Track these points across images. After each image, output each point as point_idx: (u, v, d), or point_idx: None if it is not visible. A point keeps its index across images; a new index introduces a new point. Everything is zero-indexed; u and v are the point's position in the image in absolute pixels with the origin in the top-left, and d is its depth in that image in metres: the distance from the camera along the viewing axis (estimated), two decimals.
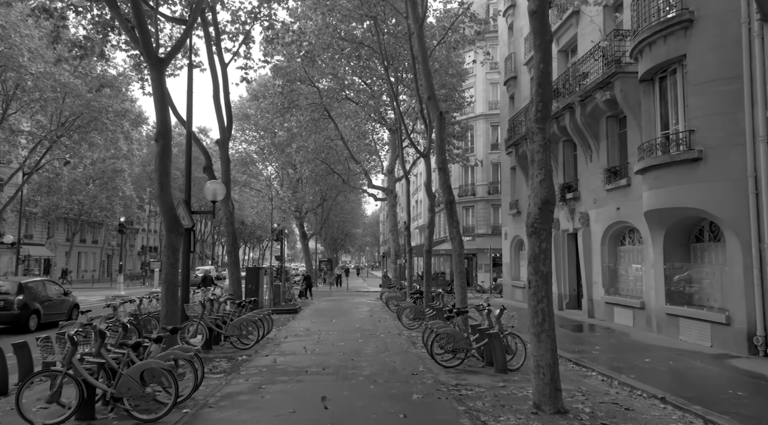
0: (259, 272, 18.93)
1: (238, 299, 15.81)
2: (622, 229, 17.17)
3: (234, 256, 16.81)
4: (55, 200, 47.44)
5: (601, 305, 17.80)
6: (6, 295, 15.19)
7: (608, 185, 16.98)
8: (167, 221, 10.08)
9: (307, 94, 31.88)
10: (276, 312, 21.24)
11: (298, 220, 46.24)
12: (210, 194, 12.97)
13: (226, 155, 16.96)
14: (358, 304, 26.35)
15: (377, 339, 13.76)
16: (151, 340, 7.24)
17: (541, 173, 7.39)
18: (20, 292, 15.30)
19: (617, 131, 17.44)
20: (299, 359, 10.74)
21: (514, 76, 26.88)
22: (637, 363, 10.38)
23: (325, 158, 35.73)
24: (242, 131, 46.33)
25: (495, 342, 9.60)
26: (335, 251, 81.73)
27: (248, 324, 12.35)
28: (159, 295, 15.91)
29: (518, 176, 26.51)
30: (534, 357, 7.24)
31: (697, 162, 11.90)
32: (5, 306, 14.94)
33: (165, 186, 10.04)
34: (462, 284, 13.02)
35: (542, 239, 7.31)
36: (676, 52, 12.38)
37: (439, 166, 13.54)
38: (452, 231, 13.23)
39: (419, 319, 16.14)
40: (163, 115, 10.14)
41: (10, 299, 15.06)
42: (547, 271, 7.28)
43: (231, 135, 17.13)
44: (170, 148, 10.22)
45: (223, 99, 17.21)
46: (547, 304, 7.22)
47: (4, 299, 15.05)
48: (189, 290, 12.88)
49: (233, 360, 10.84)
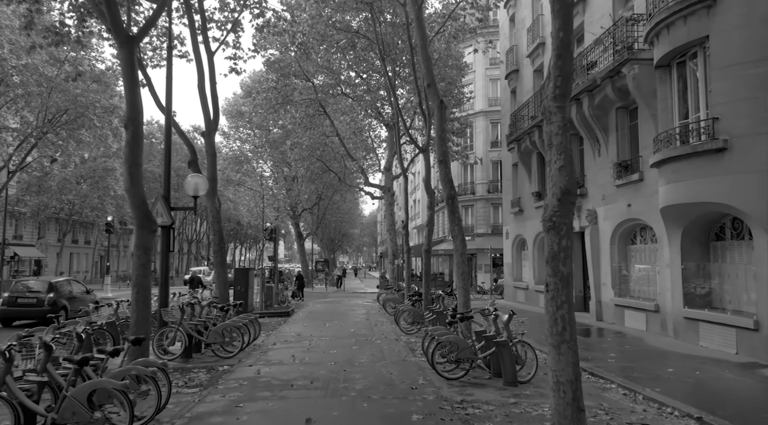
0: (249, 274, 17.90)
1: (225, 303, 14.80)
2: (633, 227, 16.19)
3: (221, 256, 15.75)
4: (44, 199, 46.27)
5: (610, 307, 16.81)
6: (38, 293, 16.98)
7: (618, 180, 15.99)
8: (138, 216, 9.05)
9: (301, 89, 30.90)
10: (267, 316, 20.26)
11: (294, 219, 45.22)
12: (191, 189, 11.94)
13: (212, 149, 15.94)
14: (354, 306, 25.32)
15: (373, 345, 12.74)
16: (107, 353, 6.20)
17: (561, 159, 6.37)
18: (50, 290, 17.12)
19: (628, 123, 16.45)
20: (286, 370, 9.71)
21: (516, 69, 25.89)
22: (659, 372, 9.39)
23: (320, 156, 34.72)
24: (236, 128, 45.35)
25: (504, 352, 8.59)
26: (332, 252, 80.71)
27: (232, 330, 11.31)
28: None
29: (520, 172, 25.53)
30: (553, 372, 6.22)
31: (722, 153, 10.90)
32: (37, 303, 16.68)
33: (135, 178, 9.01)
34: (465, 286, 12.01)
35: (562, 234, 6.29)
36: (698, 33, 11.39)
37: (440, 159, 12.52)
38: (454, 229, 12.22)
39: (418, 323, 15.13)
40: (133, 99, 9.11)
41: (42, 297, 16.83)
42: (567, 272, 6.26)
43: (217, 128, 16.12)
44: (141, 135, 9.20)
45: (209, 89, 16.21)
46: (568, 310, 6.20)
47: (36, 296, 16.85)
48: (168, 293, 11.84)
49: (213, 370, 9.82)
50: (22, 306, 16.73)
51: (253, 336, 12.58)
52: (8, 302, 16.85)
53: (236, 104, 45.13)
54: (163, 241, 11.81)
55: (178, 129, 15.76)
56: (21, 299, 16.83)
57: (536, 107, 21.72)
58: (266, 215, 32.75)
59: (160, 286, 11.83)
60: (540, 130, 21.14)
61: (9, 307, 16.78)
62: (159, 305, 11.65)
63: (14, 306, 16.74)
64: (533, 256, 24.05)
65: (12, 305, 16.77)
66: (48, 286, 17.22)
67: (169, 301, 15.35)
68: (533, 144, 22.42)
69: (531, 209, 24.03)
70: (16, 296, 16.92)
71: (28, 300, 16.79)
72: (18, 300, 16.80)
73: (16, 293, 17.06)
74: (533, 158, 23.83)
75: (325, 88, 30.18)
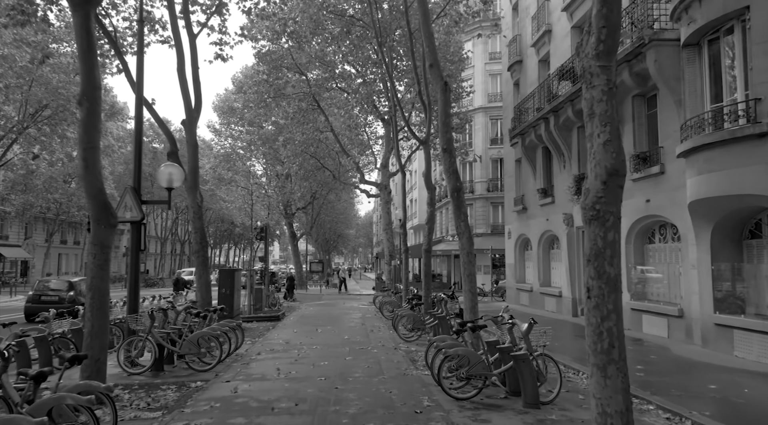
0: (235, 275, 16.54)
1: (206, 307, 13.46)
2: (651, 224, 14.92)
3: (202, 256, 14.39)
4: (30, 198, 44.73)
5: (625, 312, 15.52)
6: (59, 291, 19.28)
7: (635, 173, 14.72)
8: (93, 208, 7.71)
9: (294, 82, 29.58)
10: (256, 320, 18.93)
11: (287, 219, 43.84)
12: (164, 180, 10.59)
13: (193, 139, 14.59)
14: (349, 310, 23.98)
15: (369, 355, 11.41)
16: (30, 379, 4.86)
17: (605, 131, 5.08)
18: (70, 289, 19.48)
19: (645, 112, 15.19)
20: (268, 387, 8.37)
21: (519, 59, 24.63)
22: (701, 390, 8.10)
23: (314, 152, 33.36)
24: (227, 125, 43.98)
25: (524, 368, 7.28)
26: (327, 253, 79.35)
27: (209, 339, 9.97)
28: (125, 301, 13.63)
29: (524, 169, 24.26)
30: (597, 400, 4.91)
31: (764, 138, 9.64)
32: (59, 300, 18.42)
33: (90, 163, 7.67)
34: (471, 289, 10.71)
35: (608, 226, 4.99)
36: (736, 4, 10.13)
37: (444, 147, 11.21)
38: (459, 225, 10.92)
39: (418, 329, 13.82)
40: (88, 71, 7.78)
41: (63, 295, 19.03)
42: (615, 274, 4.95)
43: (199, 117, 14.78)
44: (98, 114, 7.86)
45: (191, 75, 14.88)
46: (616, 322, 4.89)
47: (58, 295, 18.99)
48: (138, 298, 10.49)
49: (184, 387, 8.48)
50: (45, 303, 18.09)
51: (235, 344, 11.25)
52: (32, 299, 19.02)
53: (228, 100, 43.79)
54: (133, 238, 10.48)
55: (155, 116, 14.42)
56: (44, 297, 19.01)
57: (542, 99, 20.45)
58: (256, 212, 31.34)
59: (128, 289, 10.48)
60: (546, 123, 19.87)
61: (33, 304, 18.63)
62: (127, 312, 10.31)
63: (38, 303, 18.47)
64: (538, 256, 22.77)
65: (36, 302, 18.72)
66: (68, 285, 19.71)
67: (142, 306, 14.08)
68: (539, 138, 21.15)
69: (535, 206, 22.77)
70: (39, 294, 19.20)
71: (51, 298, 18.85)
72: (41, 298, 18.94)
73: (39, 291, 19.39)
74: (538, 152, 22.56)
75: (319, 82, 28.86)
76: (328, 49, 27.22)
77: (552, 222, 21.05)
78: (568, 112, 18.20)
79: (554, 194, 20.89)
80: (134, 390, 8.33)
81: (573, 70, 17.63)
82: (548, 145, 20.52)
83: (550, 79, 19.70)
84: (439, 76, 11.32)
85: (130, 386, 8.54)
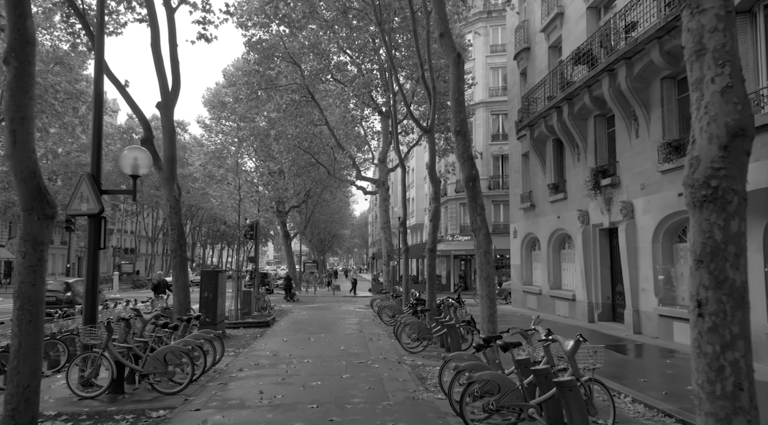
0: (219, 277, 14.90)
1: (184, 314, 11.84)
2: (684, 221, 13.39)
3: (180, 256, 12.76)
4: (12, 196, 42.87)
5: (652, 318, 14.00)
6: (56, 292, 18.74)
7: (666, 164, 13.20)
8: (24, 194, 6.05)
9: (287, 73, 27.99)
10: (243, 326, 17.31)
11: (280, 218, 42.17)
12: (128, 166, 8.93)
13: (170, 124, 12.98)
14: (345, 314, 22.37)
15: (370, 371, 9.81)
16: None
17: (724, 74, 3.47)
18: (67, 290, 19.07)
19: (675, 96, 13.69)
20: (246, 419, 6.75)
21: (527, 47, 23.09)
22: None
23: (308, 147, 31.71)
24: (218, 120, 42.32)
25: (571, 398, 5.69)
26: (322, 253, 77.73)
27: (179, 355, 8.34)
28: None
29: (532, 163, 22.72)
30: None
31: None
32: (56, 301, 17.94)
33: (21, 137, 6.01)
34: (490, 294, 9.18)
35: (731, 210, 3.39)
36: None
37: (457, 129, 9.63)
38: (475, 220, 9.36)
39: (424, 339, 12.22)
40: (17, 21, 6.14)
41: (60, 295, 18.56)
42: (742, 281, 3.38)
43: (177, 99, 13.16)
44: (29, 76, 6.19)
45: (169, 52, 13.28)
46: (745, 353, 3.34)
47: (55, 295, 18.38)
48: (97, 305, 8.83)
49: (144, 417, 6.86)
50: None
51: (213, 359, 9.63)
52: None
53: (218, 94, 42.14)
54: (91, 234, 8.81)
55: (127, 98, 12.77)
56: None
57: (554, 87, 18.92)
58: (246, 209, 29.60)
59: (85, 295, 8.81)
60: (559, 112, 18.32)
61: None
62: (83, 321, 8.67)
63: None
64: (548, 257, 21.23)
65: None
66: (65, 286, 19.31)
67: (114, 312, 12.45)
68: (550, 129, 19.61)
69: (545, 203, 21.24)
70: None
71: (48, 298, 17.53)
72: None
73: None
74: (548, 145, 21.02)
75: (314, 73, 27.24)
76: (323, 36, 25.63)
77: (564, 220, 19.52)
78: (584, 99, 16.67)
79: (567, 190, 19.35)
80: (80, 421, 6.71)
81: (590, 53, 16.10)
82: (560, 136, 18.98)
83: (563, 65, 18.15)
84: (452, 46, 9.74)
85: (76, 415, 6.91)
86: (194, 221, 79.78)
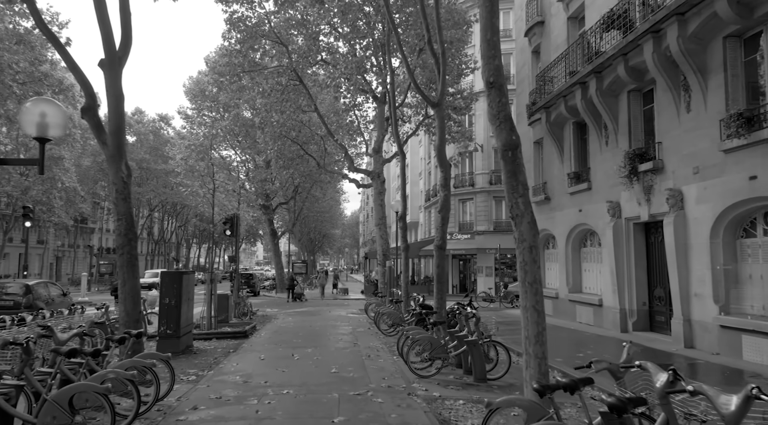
0: (183, 280, 12.21)
1: (132, 327, 9.21)
2: (751, 211, 10.91)
3: (129, 253, 10.05)
4: None
5: (711, 330, 11.50)
6: (14, 296, 16.67)
7: (733, 140, 10.71)
8: None
9: (272, 54, 25.39)
10: (216, 337, 14.68)
11: (267, 215, 39.47)
12: (31, 125, 6.28)
13: (116, 88, 10.27)
14: (336, 321, 19.73)
15: (371, 410, 7.19)
16: None
17: None
18: (27, 293, 16.72)
19: (741, 58, 11.20)
20: None
21: (540, 20, 20.58)
22: None
23: (296, 137, 29.05)
24: (200, 111, 39.59)
25: None
26: (312, 253, 75.02)
27: (92, 396, 5.68)
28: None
29: (547, 151, 20.24)
30: None
31: None
32: (14, 306, 16.06)
33: None
34: (538, 305, 6.61)
35: None
36: None
37: (490, 80, 7.03)
38: (516, 203, 6.77)
39: (438, 359, 9.62)
40: None
41: (18, 299, 16.46)
42: None
43: (127, 57, 10.50)
44: None
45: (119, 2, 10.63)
46: None
47: (13, 299, 16.49)
48: None
49: None
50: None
51: (155, 393, 6.99)
52: None
53: (200, 83, 39.41)
54: None
55: (65, 55, 10.09)
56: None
57: (576, 61, 16.43)
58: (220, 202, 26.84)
59: None
60: (584, 89, 15.85)
61: None
62: None
63: None
64: (566, 256, 18.75)
65: None
66: (24, 289, 16.93)
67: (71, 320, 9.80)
68: (571, 110, 17.13)
69: (563, 195, 18.76)
70: None
71: (5, 303, 16.51)
72: None
73: None
74: (567, 129, 18.55)
75: (302, 53, 24.60)
76: (313, 11, 23.07)
77: (587, 213, 17.04)
78: (617, 70, 14.20)
79: (591, 179, 16.87)
80: None
81: (626, 16, 13.61)
82: (585, 117, 16.49)
83: (590, 33, 15.66)
84: None
85: None
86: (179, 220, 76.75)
